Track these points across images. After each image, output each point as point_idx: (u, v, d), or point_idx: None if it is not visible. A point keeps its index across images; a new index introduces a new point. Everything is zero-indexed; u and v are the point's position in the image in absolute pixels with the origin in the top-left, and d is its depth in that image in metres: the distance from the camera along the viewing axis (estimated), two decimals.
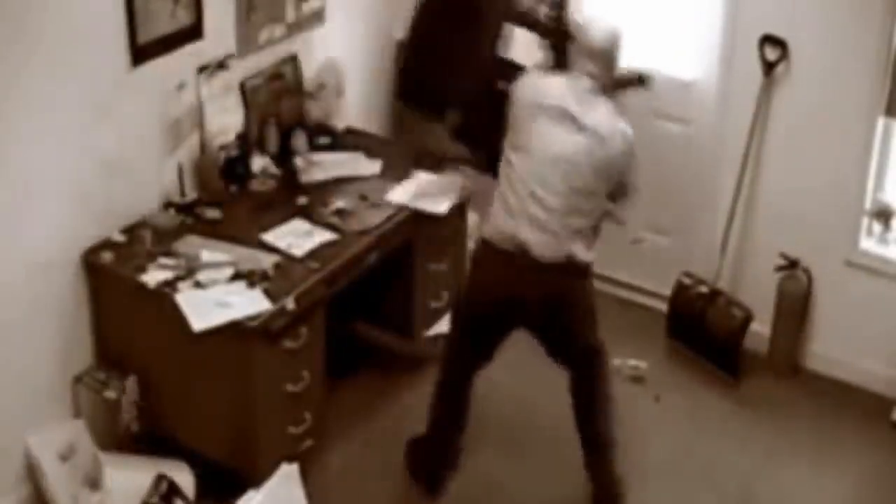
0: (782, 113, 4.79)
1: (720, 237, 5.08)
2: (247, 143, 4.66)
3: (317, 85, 4.86)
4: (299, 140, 4.79)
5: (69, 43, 3.92)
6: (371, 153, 4.89)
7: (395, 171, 4.76)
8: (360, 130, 5.15)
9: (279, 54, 4.78)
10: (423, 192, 4.60)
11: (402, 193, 4.59)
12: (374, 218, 4.45)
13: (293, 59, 4.83)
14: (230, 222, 4.39)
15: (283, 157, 4.75)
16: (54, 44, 3.87)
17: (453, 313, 4.34)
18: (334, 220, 4.41)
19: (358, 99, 5.31)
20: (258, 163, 4.64)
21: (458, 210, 4.87)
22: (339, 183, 4.67)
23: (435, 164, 4.80)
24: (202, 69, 4.43)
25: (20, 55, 3.78)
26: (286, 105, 4.83)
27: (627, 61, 4.23)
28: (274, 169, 4.66)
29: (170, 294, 3.99)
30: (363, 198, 4.55)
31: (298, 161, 4.71)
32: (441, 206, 4.59)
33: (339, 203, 4.50)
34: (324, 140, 4.92)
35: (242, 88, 4.62)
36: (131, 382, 4.21)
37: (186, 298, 3.96)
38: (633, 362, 5.01)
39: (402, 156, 4.91)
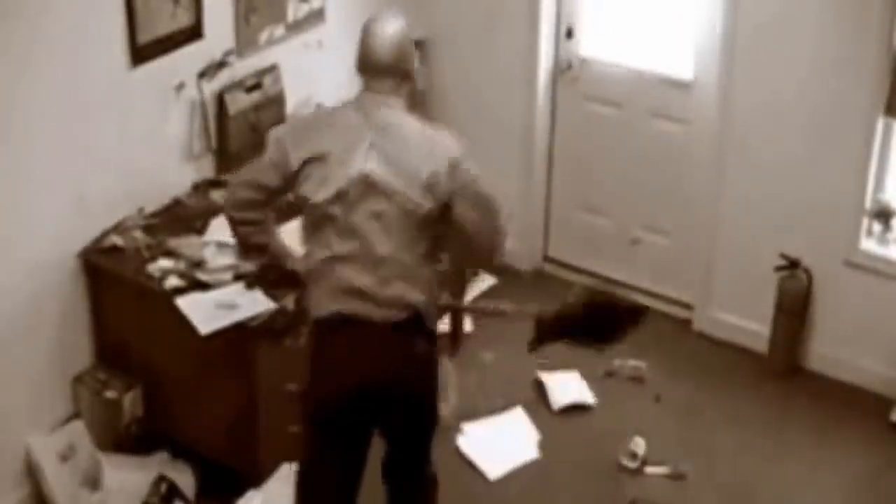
0: (782, 112, 4.78)
1: (719, 237, 5.08)
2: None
3: None
4: None
5: (69, 43, 3.92)
6: None
7: None
8: None
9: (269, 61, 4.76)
10: None
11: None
12: None
13: (273, 69, 4.75)
14: None
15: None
16: (54, 44, 3.87)
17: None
18: None
19: None
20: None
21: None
22: None
23: None
24: (202, 74, 4.43)
25: (20, 55, 3.78)
26: (265, 116, 4.75)
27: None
28: None
29: (170, 295, 3.99)
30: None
31: None
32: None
33: None
34: None
35: (221, 97, 4.55)
36: (136, 392, 4.23)
37: (188, 302, 3.96)
38: (633, 362, 5.01)
39: None
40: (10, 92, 3.78)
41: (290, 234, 4.31)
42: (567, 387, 4.89)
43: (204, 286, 4.02)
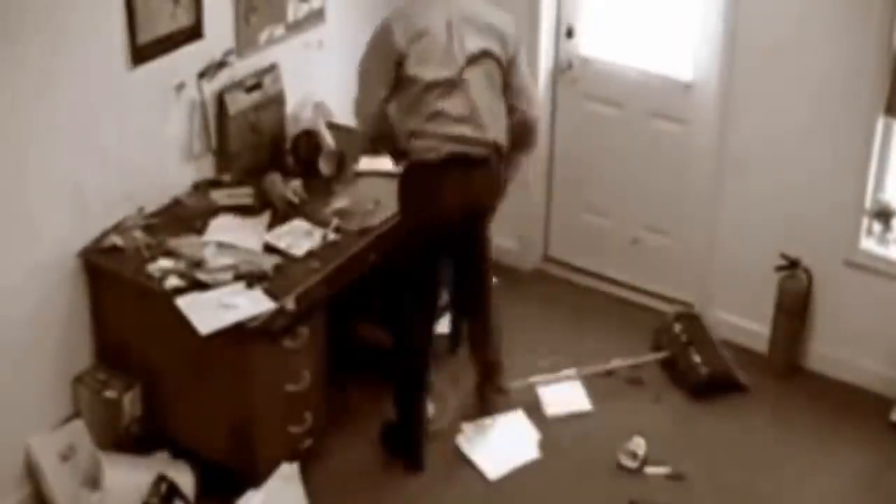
0: (782, 112, 4.79)
1: (719, 237, 5.08)
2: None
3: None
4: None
5: (69, 43, 3.92)
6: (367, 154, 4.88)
7: None
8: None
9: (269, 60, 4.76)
10: None
11: None
12: (374, 218, 4.45)
13: (272, 69, 4.75)
14: None
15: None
16: (54, 44, 3.87)
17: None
18: (334, 220, 4.41)
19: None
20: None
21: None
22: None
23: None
24: (202, 74, 4.43)
25: (20, 55, 3.78)
26: (265, 116, 4.75)
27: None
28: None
29: (170, 295, 3.99)
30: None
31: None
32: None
33: (339, 203, 4.51)
34: None
35: (221, 97, 4.55)
36: (136, 392, 4.23)
37: (188, 302, 3.96)
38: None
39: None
40: (10, 92, 3.77)
41: (286, 235, 4.33)
42: (563, 396, 4.88)
43: (204, 286, 4.02)
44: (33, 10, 3.78)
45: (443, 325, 5.07)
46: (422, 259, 4.30)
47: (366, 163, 4.80)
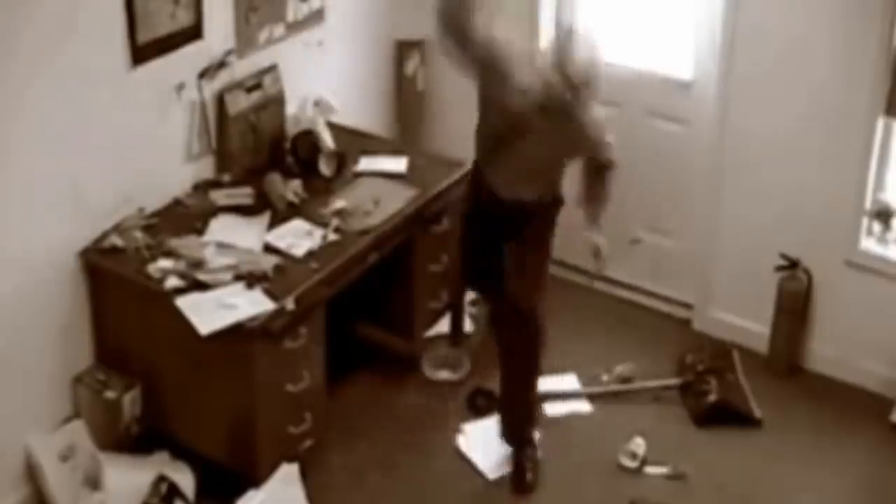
0: (782, 112, 4.79)
1: (719, 237, 5.08)
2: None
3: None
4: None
5: (69, 43, 3.92)
6: (367, 154, 4.89)
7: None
8: (359, 130, 5.14)
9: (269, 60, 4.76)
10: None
11: None
12: (374, 218, 4.45)
13: (272, 69, 4.75)
14: None
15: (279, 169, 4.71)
16: (54, 44, 3.87)
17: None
18: (334, 220, 4.41)
19: (358, 99, 5.32)
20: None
21: (458, 211, 4.89)
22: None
23: None
24: (202, 74, 4.43)
25: (19, 55, 3.78)
26: (265, 116, 4.74)
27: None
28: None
29: (170, 295, 3.99)
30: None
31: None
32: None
33: (339, 203, 4.51)
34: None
35: (221, 97, 4.55)
36: (136, 392, 4.24)
37: (188, 302, 3.96)
38: (620, 368, 4.99)
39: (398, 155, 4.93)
40: (9, 92, 3.77)
41: (286, 235, 4.33)
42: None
43: (204, 286, 4.02)
44: (33, 9, 3.78)
45: (443, 324, 5.09)
46: None
47: (366, 163, 4.81)
